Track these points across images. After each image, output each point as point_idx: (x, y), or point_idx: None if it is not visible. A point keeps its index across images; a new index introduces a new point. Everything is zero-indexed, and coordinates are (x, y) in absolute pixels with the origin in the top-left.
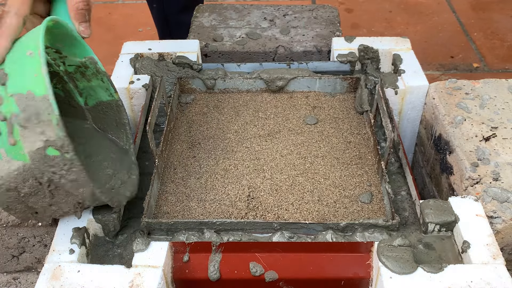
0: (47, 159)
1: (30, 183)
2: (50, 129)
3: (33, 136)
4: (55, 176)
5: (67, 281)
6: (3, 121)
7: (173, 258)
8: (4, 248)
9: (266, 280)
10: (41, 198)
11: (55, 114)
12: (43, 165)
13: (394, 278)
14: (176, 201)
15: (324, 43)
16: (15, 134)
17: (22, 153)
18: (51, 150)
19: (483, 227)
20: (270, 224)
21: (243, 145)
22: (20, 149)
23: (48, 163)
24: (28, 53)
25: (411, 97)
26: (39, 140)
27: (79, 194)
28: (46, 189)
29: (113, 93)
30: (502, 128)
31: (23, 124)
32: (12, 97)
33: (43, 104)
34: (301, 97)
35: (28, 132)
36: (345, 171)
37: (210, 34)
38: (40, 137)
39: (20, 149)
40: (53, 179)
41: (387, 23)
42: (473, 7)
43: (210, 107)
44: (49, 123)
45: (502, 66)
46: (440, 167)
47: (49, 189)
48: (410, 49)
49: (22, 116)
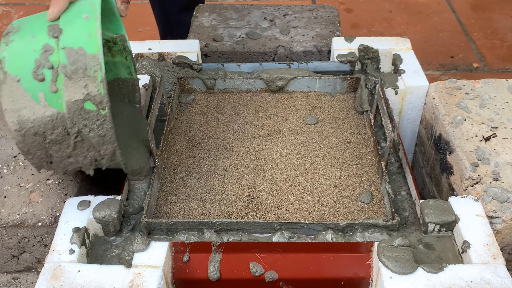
0: (83, 112)
1: (58, 131)
2: (94, 85)
3: (76, 88)
4: (85, 129)
5: (67, 281)
6: (49, 69)
7: (173, 258)
8: (4, 248)
9: (266, 280)
10: (63, 147)
11: (102, 72)
12: (77, 116)
13: (394, 278)
14: (176, 201)
15: (324, 43)
16: (59, 83)
17: (60, 101)
18: (89, 104)
19: (483, 227)
20: (270, 224)
21: (243, 145)
22: (60, 97)
23: (83, 116)
24: (84, 16)
25: (411, 97)
26: (80, 93)
27: (102, 150)
28: (72, 140)
29: (132, 72)
30: (502, 128)
31: (69, 75)
32: (64, 49)
33: (92, 61)
34: (301, 97)
35: (71, 83)
36: (345, 171)
37: (210, 34)
38: (82, 90)
39: (60, 97)
40: (82, 131)
41: (387, 23)
42: (473, 7)
43: (210, 107)
44: (94, 79)
45: (502, 66)
46: (440, 167)
47: (75, 140)
48: (410, 49)
49: (70, 68)
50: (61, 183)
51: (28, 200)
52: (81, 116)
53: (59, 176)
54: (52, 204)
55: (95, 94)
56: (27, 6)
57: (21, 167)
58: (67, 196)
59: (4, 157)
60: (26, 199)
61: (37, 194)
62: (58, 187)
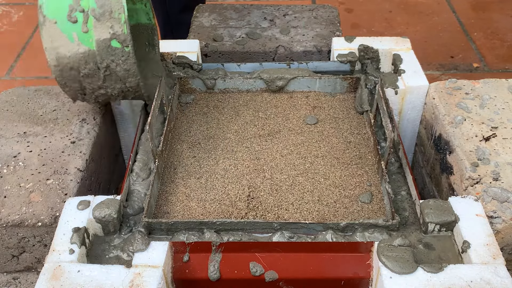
0: (110, 49)
1: (90, 66)
2: (118, 25)
3: (103, 28)
4: (112, 64)
5: (67, 281)
6: (80, 12)
7: (173, 258)
8: (4, 248)
9: (266, 280)
10: (95, 80)
11: (125, 14)
12: (105, 53)
13: (394, 278)
14: (176, 201)
15: (324, 43)
16: (89, 24)
17: (91, 40)
18: (115, 42)
19: (483, 227)
20: (270, 224)
21: (243, 145)
22: (90, 37)
23: (110, 52)
24: None
25: (411, 97)
26: (107, 32)
27: (127, 83)
28: (101, 73)
29: (151, 18)
30: (502, 128)
31: (98, 17)
32: None
33: (117, 4)
34: (301, 97)
35: (100, 24)
36: (345, 171)
37: (210, 34)
38: (109, 30)
39: (90, 37)
40: (110, 65)
41: (387, 23)
42: (473, 7)
43: (210, 107)
44: (118, 20)
45: (502, 66)
46: (440, 167)
47: (104, 74)
48: (410, 49)
49: (98, 11)
50: (61, 183)
51: (28, 200)
52: (109, 52)
53: (59, 176)
54: (52, 204)
55: (120, 33)
56: (27, 6)
57: (21, 167)
58: (67, 196)
59: (4, 157)
60: (26, 199)
61: (37, 194)
62: (58, 187)
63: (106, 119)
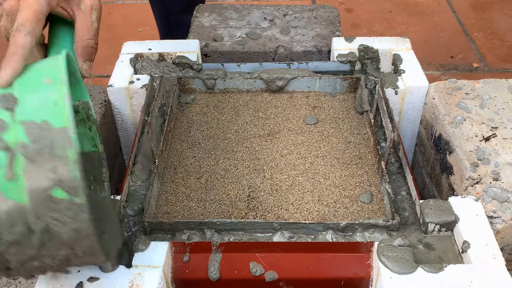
0: (51, 202)
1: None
2: (64, 167)
3: (41, 172)
4: (54, 223)
5: (67, 281)
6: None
7: (173, 258)
8: None
9: (266, 280)
10: (24, 249)
11: (74, 150)
12: (44, 208)
13: (394, 278)
14: (176, 201)
15: (324, 43)
16: (17, 168)
17: (20, 191)
18: (59, 191)
19: (483, 227)
20: (270, 224)
21: (243, 145)
22: (19, 186)
23: (51, 207)
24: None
25: (411, 97)
26: (47, 178)
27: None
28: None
29: (98, 144)
30: (502, 128)
31: (31, 157)
32: (22, 124)
33: (60, 137)
34: (301, 97)
35: (35, 167)
36: (345, 171)
37: (210, 34)
38: (49, 174)
39: (19, 186)
40: (50, 226)
41: (387, 23)
42: (473, 7)
43: (210, 107)
44: (64, 159)
45: (502, 66)
46: (440, 167)
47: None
48: (410, 49)
49: (32, 148)
50: None
51: None
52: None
53: None
54: None
55: (67, 178)
56: None
57: None
58: None
59: None
60: None
61: None
62: None
63: (106, 119)
